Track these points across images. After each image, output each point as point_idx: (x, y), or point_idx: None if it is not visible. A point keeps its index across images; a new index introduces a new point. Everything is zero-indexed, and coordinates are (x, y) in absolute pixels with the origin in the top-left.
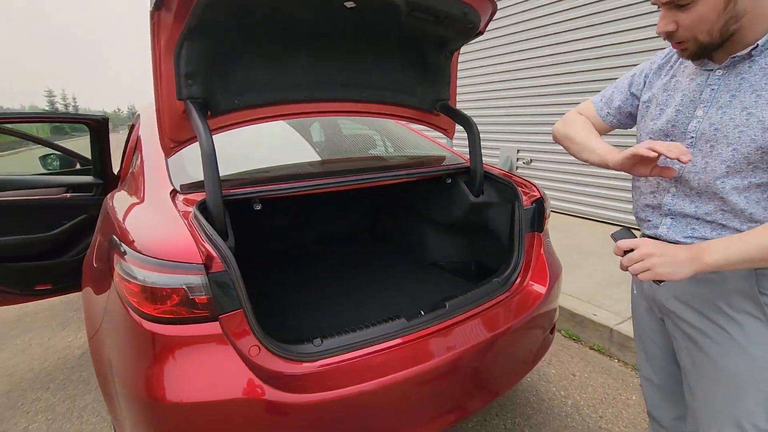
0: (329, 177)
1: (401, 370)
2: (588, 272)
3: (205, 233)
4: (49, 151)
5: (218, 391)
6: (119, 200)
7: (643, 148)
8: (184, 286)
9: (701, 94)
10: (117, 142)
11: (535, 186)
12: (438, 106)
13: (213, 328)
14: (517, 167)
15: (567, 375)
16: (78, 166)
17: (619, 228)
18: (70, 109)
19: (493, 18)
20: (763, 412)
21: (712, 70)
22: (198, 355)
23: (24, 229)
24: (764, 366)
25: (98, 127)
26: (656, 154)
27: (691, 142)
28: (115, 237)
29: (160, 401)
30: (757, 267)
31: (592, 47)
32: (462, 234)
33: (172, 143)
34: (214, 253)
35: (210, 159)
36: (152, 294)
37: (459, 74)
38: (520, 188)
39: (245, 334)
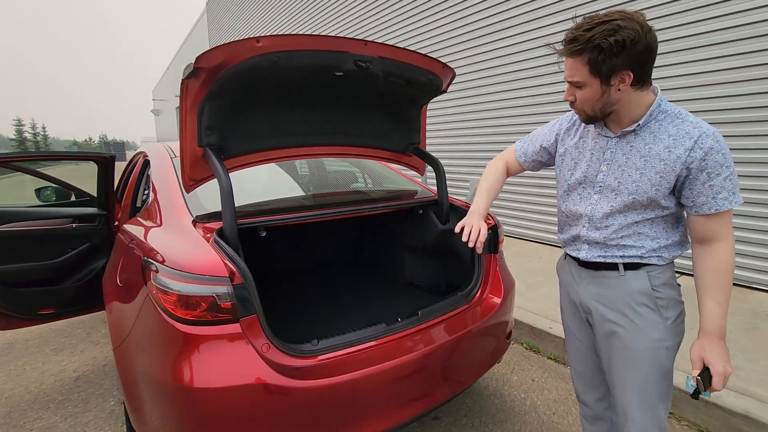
0: (321, 209)
1: (381, 363)
2: (547, 291)
3: (227, 254)
4: (45, 183)
5: (239, 378)
6: (140, 229)
7: (459, 227)
8: (214, 295)
9: (604, 154)
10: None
11: (490, 215)
12: (411, 149)
13: (235, 328)
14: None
15: (527, 380)
16: (73, 198)
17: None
18: (39, 138)
19: (454, 81)
20: (659, 377)
21: (609, 137)
22: (223, 349)
23: (33, 257)
24: (657, 344)
25: (105, 164)
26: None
27: (599, 189)
28: (147, 258)
29: (193, 387)
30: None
31: (543, 93)
32: (433, 257)
33: (192, 181)
34: (235, 269)
35: (228, 195)
36: (187, 301)
37: (434, 118)
38: None
39: (259, 334)
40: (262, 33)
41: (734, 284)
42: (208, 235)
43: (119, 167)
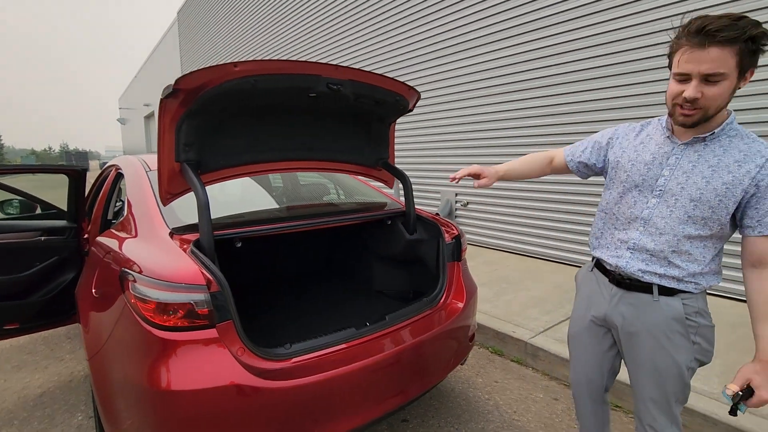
0: (294, 220)
1: (351, 364)
2: (512, 298)
3: (203, 263)
4: (9, 196)
5: (216, 380)
6: (115, 241)
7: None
8: (191, 302)
9: (667, 159)
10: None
11: (454, 225)
12: (380, 163)
13: (211, 333)
14: (456, 209)
15: (491, 382)
16: (39, 210)
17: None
18: None
19: (419, 101)
20: (680, 390)
21: (676, 143)
22: (200, 353)
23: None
24: (684, 366)
25: (77, 177)
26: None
27: (658, 194)
28: (125, 269)
29: (171, 390)
30: None
31: (512, 109)
32: (401, 266)
33: (169, 195)
34: (212, 277)
35: (205, 207)
36: (165, 309)
37: (409, 134)
38: (443, 227)
39: (234, 338)
40: (233, 42)
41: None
42: (185, 246)
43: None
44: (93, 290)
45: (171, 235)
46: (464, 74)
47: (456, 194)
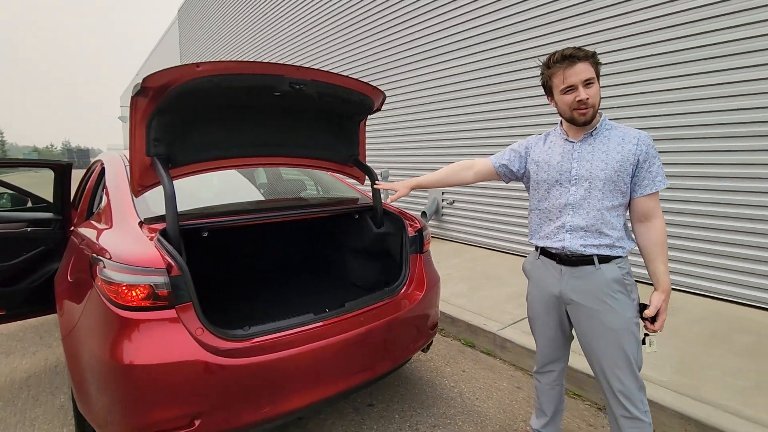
0: (263, 212)
1: (305, 345)
2: (488, 293)
3: (167, 250)
4: (1, 190)
5: (173, 355)
6: (92, 231)
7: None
8: (152, 284)
9: (572, 155)
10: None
11: (417, 219)
12: (351, 160)
13: (171, 313)
14: (442, 207)
15: (458, 372)
16: (30, 204)
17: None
18: None
19: (385, 101)
20: (634, 347)
21: (573, 142)
22: (159, 331)
23: None
24: (631, 320)
25: (62, 171)
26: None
27: (575, 182)
28: (95, 255)
29: (132, 364)
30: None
31: (497, 109)
32: (372, 259)
33: (140, 187)
34: (173, 262)
35: (171, 199)
36: (128, 290)
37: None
38: (407, 221)
39: (193, 319)
40: (232, 41)
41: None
42: (153, 234)
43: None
44: (68, 276)
45: (141, 224)
46: (449, 75)
47: (443, 192)
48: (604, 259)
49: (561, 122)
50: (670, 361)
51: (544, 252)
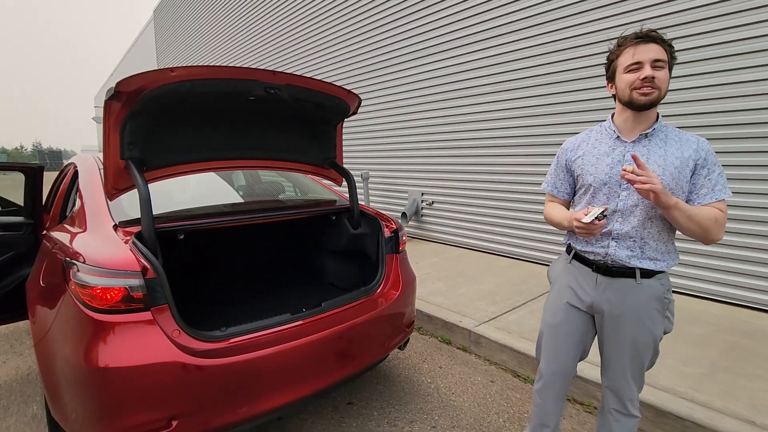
0: (240, 214)
1: (282, 344)
2: (464, 291)
3: (142, 252)
4: None
5: (149, 357)
6: (65, 234)
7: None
8: (127, 287)
9: (624, 156)
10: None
11: (393, 221)
12: (327, 162)
13: (146, 316)
14: (422, 208)
15: (435, 368)
16: None
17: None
18: None
19: (361, 105)
20: (650, 359)
21: (626, 142)
22: (134, 333)
23: None
24: (657, 338)
25: (33, 175)
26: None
27: (626, 186)
28: (68, 258)
29: (106, 367)
30: (681, 228)
31: (480, 111)
32: (350, 259)
33: (115, 190)
34: (148, 265)
35: (146, 202)
36: (103, 293)
37: (381, 132)
38: (383, 222)
39: (169, 321)
40: (209, 42)
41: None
42: (128, 237)
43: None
44: (41, 281)
45: (115, 228)
46: (430, 78)
47: (422, 194)
48: (647, 274)
49: (612, 116)
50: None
51: (579, 257)
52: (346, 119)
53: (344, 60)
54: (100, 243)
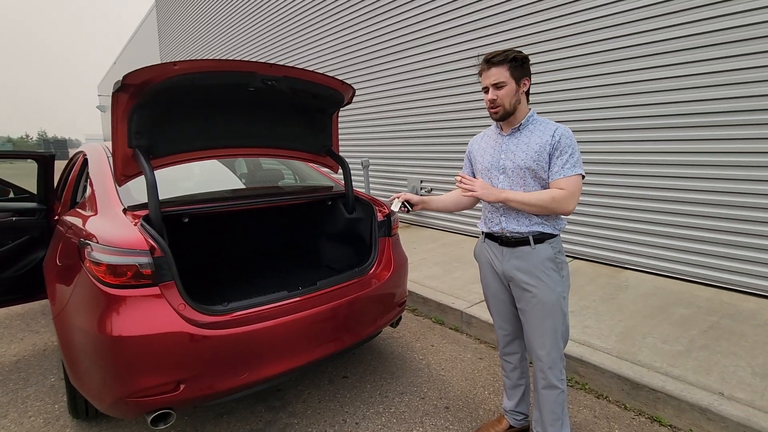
0: (241, 199)
1: (279, 318)
2: (459, 275)
3: (149, 233)
4: None
5: (158, 327)
6: (78, 218)
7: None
8: (136, 264)
9: (501, 146)
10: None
11: (386, 205)
12: (324, 150)
13: (154, 290)
14: (421, 195)
15: (427, 346)
16: (12, 194)
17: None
18: None
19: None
20: (561, 320)
21: (504, 135)
22: (143, 306)
23: None
24: (560, 295)
25: (45, 162)
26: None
27: (503, 170)
28: (83, 239)
29: (120, 336)
30: (527, 210)
31: (473, 99)
32: (345, 243)
33: (123, 177)
34: (155, 245)
35: (153, 188)
36: (114, 270)
37: (381, 120)
38: (377, 207)
39: (176, 296)
40: (212, 30)
41: (608, 264)
42: (136, 220)
43: (60, 165)
44: (57, 261)
45: (125, 211)
46: (426, 66)
47: (421, 181)
48: (539, 240)
49: None
50: (615, 331)
51: (489, 236)
52: (341, 109)
53: (345, 48)
54: (112, 225)
